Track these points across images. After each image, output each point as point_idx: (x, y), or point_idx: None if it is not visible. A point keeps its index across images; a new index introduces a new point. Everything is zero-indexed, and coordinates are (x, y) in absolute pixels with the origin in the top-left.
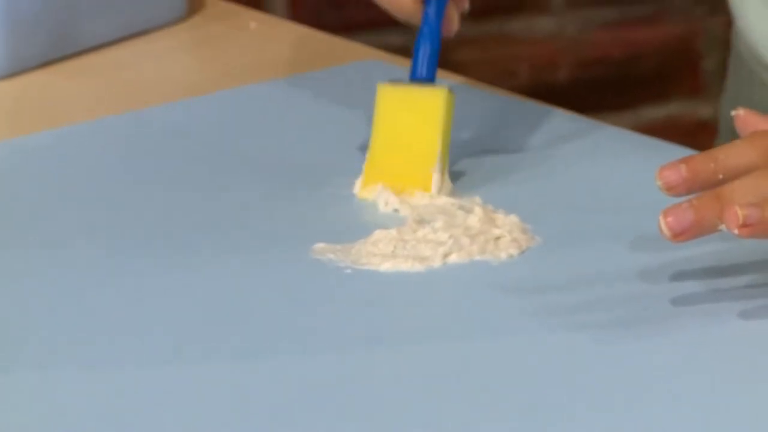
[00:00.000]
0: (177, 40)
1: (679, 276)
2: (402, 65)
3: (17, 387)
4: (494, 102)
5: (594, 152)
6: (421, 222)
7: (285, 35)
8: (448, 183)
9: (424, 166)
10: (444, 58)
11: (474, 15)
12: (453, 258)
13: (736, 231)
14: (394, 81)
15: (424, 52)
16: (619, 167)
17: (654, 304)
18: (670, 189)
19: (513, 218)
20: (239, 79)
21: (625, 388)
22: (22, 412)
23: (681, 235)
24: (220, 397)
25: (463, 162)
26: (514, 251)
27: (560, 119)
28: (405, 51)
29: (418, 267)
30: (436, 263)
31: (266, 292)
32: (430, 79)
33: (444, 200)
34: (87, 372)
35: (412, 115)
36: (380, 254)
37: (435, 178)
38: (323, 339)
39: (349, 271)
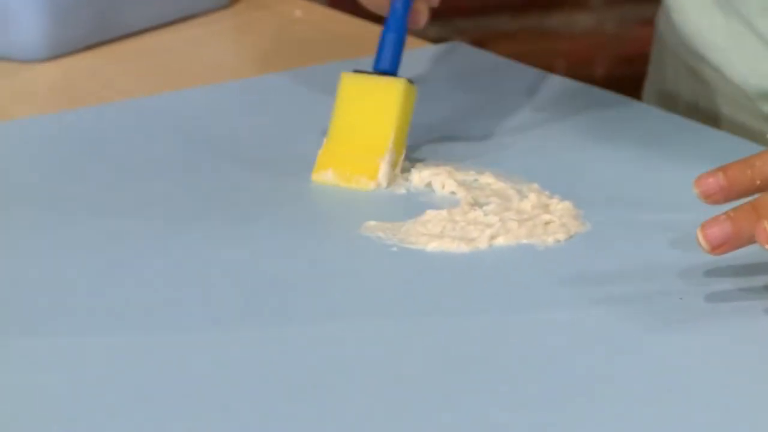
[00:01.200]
0: (220, 25)
1: (719, 273)
2: None
3: (58, 350)
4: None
5: (657, 142)
6: (474, 204)
7: (328, 23)
8: (398, 175)
9: (375, 155)
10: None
11: (513, 9)
12: (500, 240)
13: (766, 246)
14: (359, 71)
15: (389, 43)
16: (682, 157)
17: (692, 299)
18: (708, 197)
19: (567, 204)
20: (280, 65)
21: (658, 377)
22: (59, 375)
23: (719, 247)
24: (265, 365)
25: (522, 146)
26: (561, 236)
27: (622, 107)
28: (442, 41)
29: (463, 248)
30: (483, 245)
31: (308, 266)
32: (392, 71)
33: (501, 185)
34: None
35: (370, 104)
36: (428, 234)
37: (383, 168)
38: (359, 313)
39: (395, 249)
